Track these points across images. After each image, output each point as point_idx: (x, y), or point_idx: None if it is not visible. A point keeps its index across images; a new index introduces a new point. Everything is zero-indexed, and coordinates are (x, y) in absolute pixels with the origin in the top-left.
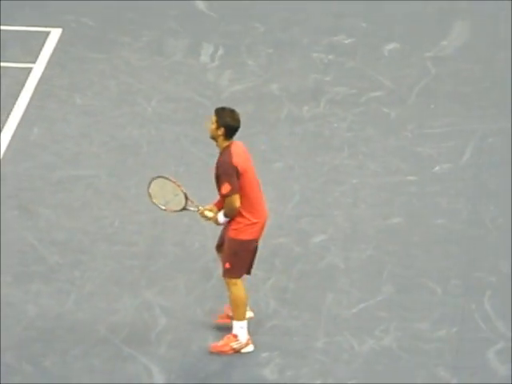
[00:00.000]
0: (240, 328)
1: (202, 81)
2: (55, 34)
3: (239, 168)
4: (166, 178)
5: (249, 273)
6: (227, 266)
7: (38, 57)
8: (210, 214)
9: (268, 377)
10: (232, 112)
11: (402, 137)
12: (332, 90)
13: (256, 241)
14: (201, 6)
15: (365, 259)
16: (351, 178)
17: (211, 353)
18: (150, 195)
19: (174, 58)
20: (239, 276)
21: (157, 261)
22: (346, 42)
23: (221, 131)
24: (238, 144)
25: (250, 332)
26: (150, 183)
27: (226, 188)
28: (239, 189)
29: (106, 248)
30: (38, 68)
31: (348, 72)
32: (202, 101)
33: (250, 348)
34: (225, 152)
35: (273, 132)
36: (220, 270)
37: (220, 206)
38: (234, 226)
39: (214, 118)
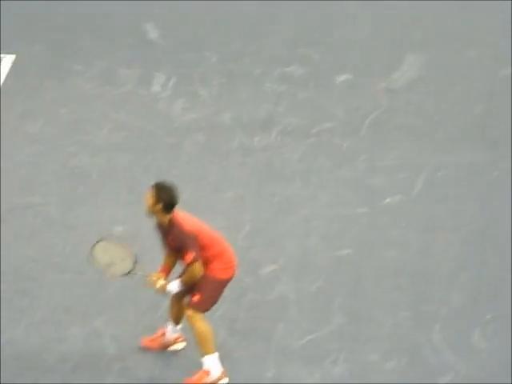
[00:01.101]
0: (211, 362)
1: (154, 110)
2: (8, 60)
3: (194, 231)
4: (111, 242)
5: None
6: (197, 299)
7: None
8: (160, 282)
9: None
10: (171, 188)
11: (353, 168)
12: (284, 121)
13: (230, 280)
14: (153, 35)
15: (315, 290)
16: (302, 209)
17: None
18: (92, 259)
19: (125, 87)
20: (205, 311)
21: (106, 289)
22: (299, 72)
23: (159, 207)
24: (177, 212)
25: (199, 357)
26: (92, 247)
27: (189, 257)
28: (203, 248)
29: (56, 276)
30: None
31: (300, 103)
32: (153, 130)
33: (225, 381)
34: (174, 224)
35: (224, 162)
36: (166, 302)
37: (166, 271)
38: (210, 266)
39: (152, 193)
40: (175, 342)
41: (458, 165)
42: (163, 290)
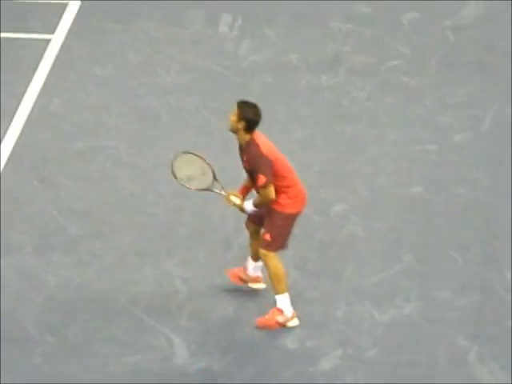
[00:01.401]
0: (284, 301)
1: (221, 51)
2: (74, 5)
3: (270, 157)
4: (195, 155)
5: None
6: (268, 237)
7: (56, 28)
8: (236, 201)
9: (289, 346)
10: (254, 106)
11: (421, 106)
12: (351, 60)
13: (298, 214)
14: None
15: (385, 228)
16: (371, 148)
17: (257, 328)
18: (173, 169)
19: (192, 29)
20: (277, 249)
21: (177, 231)
22: (365, 11)
23: (241, 125)
24: (259, 134)
25: (270, 298)
26: (175, 157)
27: (261, 180)
28: (275, 176)
29: (126, 219)
30: (57, 39)
31: (367, 41)
32: (221, 71)
33: (296, 322)
34: (251, 145)
35: (291, 102)
36: (240, 240)
37: (244, 192)
38: (278, 200)
39: (236, 111)
40: (255, 280)
41: None
42: (241, 207)
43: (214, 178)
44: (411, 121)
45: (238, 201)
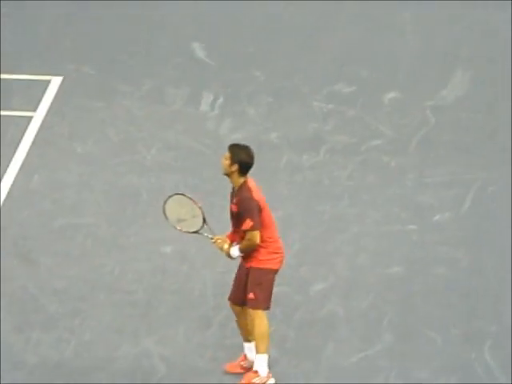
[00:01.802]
0: (263, 361)
1: (202, 129)
2: (56, 82)
3: (260, 203)
4: (187, 197)
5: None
6: (252, 296)
7: (38, 105)
8: (224, 245)
9: None
10: (246, 148)
11: (402, 185)
12: (332, 139)
13: (277, 271)
14: (201, 54)
15: (365, 308)
16: (352, 227)
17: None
18: (164, 211)
19: (174, 107)
20: (264, 307)
21: (156, 309)
22: (347, 90)
23: (235, 168)
24: (251, 180)
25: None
26: (168, 198)
27: (247, 224)
28: (261, 223)
29: (106, 296)
30: (39, 116)
31: (348, 121)
32: (201, 149)
33: (272, 381)
34: (243, 188)
35: (272, 180)
36: (220, 318)
37: (232, 239)
38: (257, 256)
39: (227, 155)
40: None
41: (507, 181)
42: (228, 252)
43: (204, 221)
44: (392, 200)
45: (225, 245)
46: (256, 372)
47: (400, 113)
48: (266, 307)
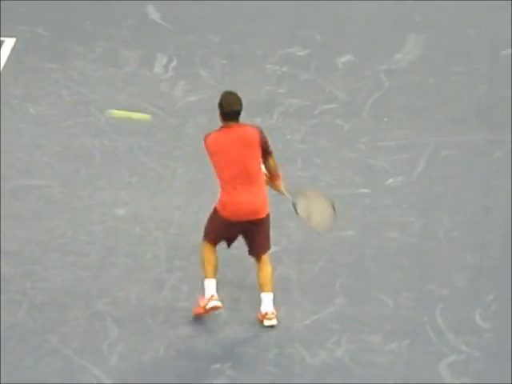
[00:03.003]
0: (206, 285)
1: (156, 91)
2: (9, 43)
3: (208, 145)
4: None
5: (227, 245)
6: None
7: None
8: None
9: None
10: (227, 95)
11: (355, 149)
12: (285, 102)
13: (223, 219)
14: (155, 16)
15: (317, 271)
16: None
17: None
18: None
19: (127, 69)
20: (207, 239)
21: (109, 271)
22: (300, 54)
23: (218, 111)
24: (230, 131)
25: (201, 340)
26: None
27: None
28: (214, 169)
29: (58, 258)
30: None
31: (302, 84)
32: (155, 111)
33: (216, 303)
34: (213, 131)
35: None
36: (173, 280)
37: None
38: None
39: None
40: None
41: (459, 145)
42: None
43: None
44: (345, 164)
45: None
46: (203, 296)
47: (354, 76)
48: (210, 240)
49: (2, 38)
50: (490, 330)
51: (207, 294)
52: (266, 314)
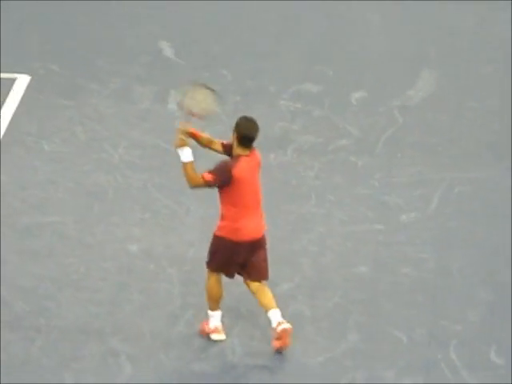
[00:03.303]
0: (211, 317)
1: (170, 128)
2: (23, 80)
3: (236, 175)
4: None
5: (229, 276)
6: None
7: (5, 103)
8: (181, 136)
9: None
10: (247, 120)
11: (369, 185)
12: (299, 139)
13: (235, 244)
14: (168, 52)
15: (331, 307)
16: (318, 227)
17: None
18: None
19: (141, 106)
20: (213, 269)
21: (122, 308)
22: (314, 90)
23: (234, 137)
24: (250, 160)
25: (215, 377)
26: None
27: (207, 176)
28: (228, 196)
29: (72, 295)
30: (6, 115)
31: (315, 120)
32: (168, 148)
33: (220, 336)
34: (233, 159)
35: None
36: (187, 316)
37: (197, 135)
38: (219, 224)
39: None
40: (281, 323)
41: (473, 181)
42: (177, 143)
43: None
44: (358, 200)
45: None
46: (207, 322)
47: (367, 113)
48: (215, 270)
49: (16, 75)
50: (505, 366)
51: (212, 325)
52: (279, 323)
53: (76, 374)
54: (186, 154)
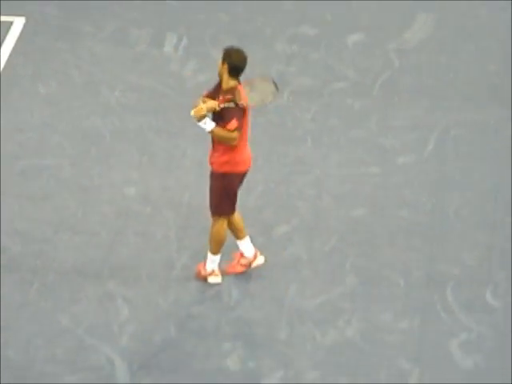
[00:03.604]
0: (212, 260)
1: (166, 71)
2: (18, 23)
3: (245, 109)
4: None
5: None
6: (211, 203)
7: (0, 46)
8: (203, 106)
9: (230, 367)
10: (238, 51)
11: (365, 128)
12: (295, 81)
13: (241, 174)
14: None
15: (328, 250)
16: (315, 169)
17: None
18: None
19: (137, 48)
20: (227, 214)
21: (119, 251)
22: (310, 33)
23: (225, 68)
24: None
25: (212, 319)
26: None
27: (233, 124)
28: (242, 127)
29: (69, 238)
30: (1, 57)
31: (312, 63)
32: (165, 91)
33: (216, 279)
34: (233, 91)
35: None
36: (183, 260)
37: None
38: (222, 159)
39: (222, 56)
40: (255, 258)
41: (470, 124)
42: (198, 113)
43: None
44: (355, 143)
45: (204, 106)
46: (203, 264)
47: (363, 55)
48: (228, 214)
49: (12, 18)
50: (501, 308)
51: (209, 268)
52: (255, 252)
53: (73, 317)
54: (209, 123)
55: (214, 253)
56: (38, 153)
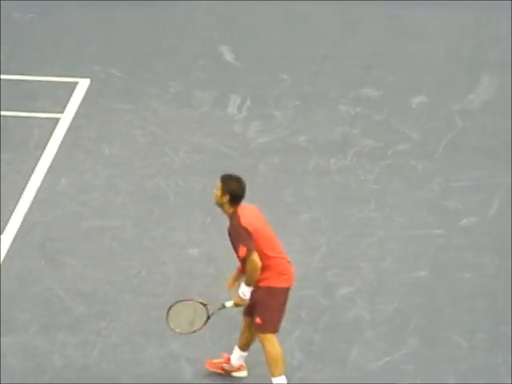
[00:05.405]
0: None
1: (229, 132)
2: (83, 84)
3: (249, 228)
4: (178, 302)
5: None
6: (258, 321)
7: (65, 107)
8: (237, 300)
9: None
10: (237, 180)
11: (428, 190)
12: (359, 143)
13: (288, 290)
14: (228, 57)
15: (391, 312)
16: (378, 231)
17: None
18: (170, 327)
19: (201, 110)
20: (272, 330)
21: None
22: (374, 94)
23: (226, 198)
24: (245, 207)
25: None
26: (167, 316)
27: (242, 251)
28: (256, 248)
29: (132, 299)
30: (66, 118)
31: (375, 125)
32: (229, 152)
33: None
34: (233, 216)
35: (300, 184)
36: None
37: (242, 271)
38: (262, 275)
39: (219, 185)
40: (238, 369)
41: None
42: (238, 299)
43: (204, 306)
44: (418, 204)
45: (238, 299)
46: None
47: (427, 117)
48: (275, 330)
49: (77, 80)
50: None
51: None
52: (241, 366)
53: (136, 379)
54: (243, 290)
55: (278, 375)
56: (101, 213)
